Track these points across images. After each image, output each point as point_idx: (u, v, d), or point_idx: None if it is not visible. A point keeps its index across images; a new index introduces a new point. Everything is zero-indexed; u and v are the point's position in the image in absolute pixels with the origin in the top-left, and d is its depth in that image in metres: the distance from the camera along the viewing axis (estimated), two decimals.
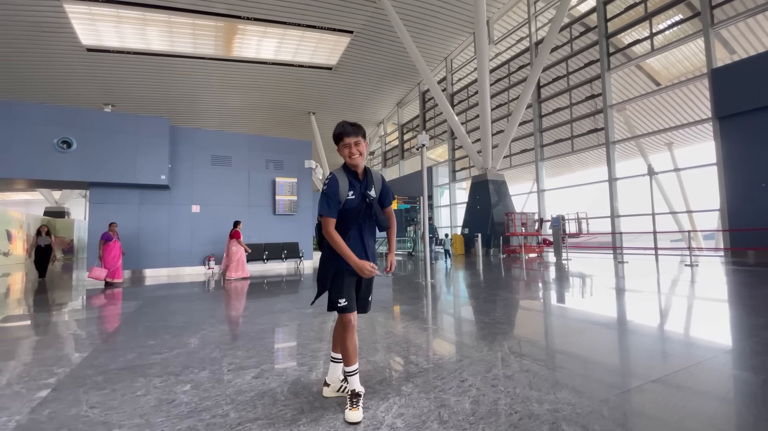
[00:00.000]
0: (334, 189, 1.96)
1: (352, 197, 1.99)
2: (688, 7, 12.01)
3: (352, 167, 2.02)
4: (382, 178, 2.18)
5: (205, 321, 4.19)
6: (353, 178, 2.03)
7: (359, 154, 2.00)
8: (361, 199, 2.01)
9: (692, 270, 7.75)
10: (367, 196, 2.01)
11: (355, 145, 1.98)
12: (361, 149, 2.00)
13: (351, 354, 2.01)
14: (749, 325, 3.43)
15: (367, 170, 2.08)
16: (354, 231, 2.03)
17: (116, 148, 9.42)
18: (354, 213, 2.00)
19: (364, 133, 2.04)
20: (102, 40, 16.76)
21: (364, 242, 2.06)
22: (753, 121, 9.62)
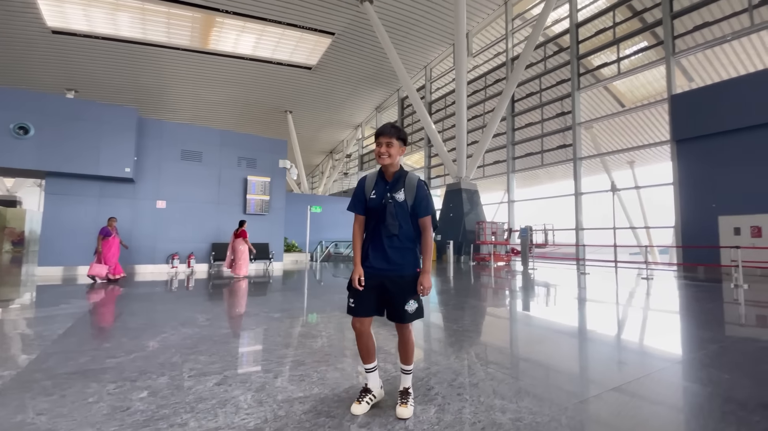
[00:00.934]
0: (359, 186, 2.09)
1: (373, 196, 2.02)
2: (652, 35, 12.80)
3: (381, 166, 2.05)
4: (420, 185, 2.05)
5: (165, 323, 4.01)
6: (381, 178, 2.06)
7: (388, 155, 1.98)
8: (380, 200, 2.00)
9: (648, 283, 8.19)
10: (386, 198, 1.99)
11: (386, 146, 1.98)
12: (391, 151, 1.99)
13: (361, 355, 2.07)
14: (698, 338, 3.65)
15: (401, 174, 2.05)
16: (375, 231, 2.02)
17: (78, 136, 8.92)
18: (374, 212, 2.01)
19: (401, 137, 2.02)
20: (69, 22, 15.89)
21: (383, 244, 1.99)
22: (707, 146, 10.34)
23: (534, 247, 13.26)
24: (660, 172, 23.00)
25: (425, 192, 2.04)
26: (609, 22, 13.78)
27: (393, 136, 1.99)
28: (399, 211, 1.98)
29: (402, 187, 2.01)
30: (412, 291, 1.99)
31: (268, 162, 12.03)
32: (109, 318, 4.38)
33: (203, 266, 10.62)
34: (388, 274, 1.98)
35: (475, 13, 17.45)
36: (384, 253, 1.99)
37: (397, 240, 1.99)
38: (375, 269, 1.99)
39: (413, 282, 1.99)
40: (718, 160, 10.09)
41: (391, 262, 1.98)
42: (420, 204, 2.01)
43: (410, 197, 2.01)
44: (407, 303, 1.98)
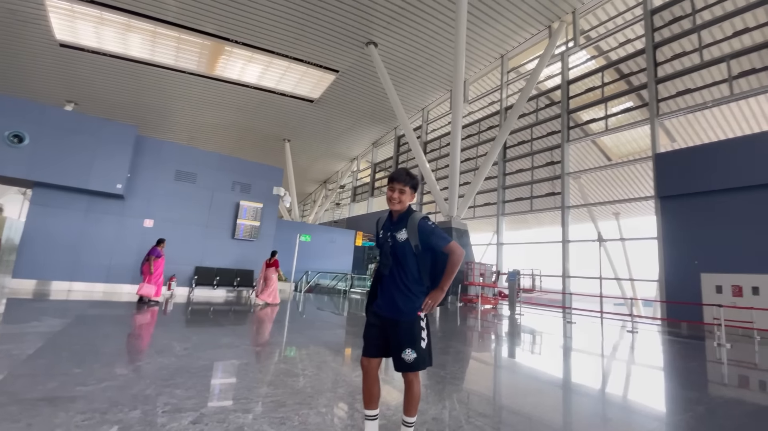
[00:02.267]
0: (376, 225, 2.20)
1: (381, 236, 2.10)
2: (638, 97, 13.60)
3: (390, 210, 2.11)
4: (422, 222, 1.97)
5: (141, 350, 3.84)
6: (388, 219, 2.11)
7: (398, 201, 2.02)
8: (384, 240, 2.05)
9: (633, 336, 8.19)
10: (386, 236, 2.03)
11: (399, 192, 2.02)
12: (403, 197, 2.01)
13: (364, 398, 2.01)
14: (684, 398, 3.62)
15: (405, 214, 2.03)
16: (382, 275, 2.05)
17: (73, 149, 8.88)
18: (382, 252, 2.06)
19: (414, 186, 2.05)
20: (78, 37, 16.24)
21: (383, 284, 2.02)
22: (689, 204, 10.73)
23: (521, 292, 13.25)
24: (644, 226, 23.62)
25: (429, 226, 1.96)
26: (598, 82, 14.64)
27: (407, 184, 2.02)
28: (399, 251, 1.96)
29: (404, 227, 1.99)
30: (408, 341, 1.91)
31: (263, 188, 12.05)
32: (81, 340, 4.17)
33: (184, 290, 10.31)
34: (385, 317, 1.97)
35: (473, 63, 18.41)
36: (383, 295, 2.01)
37: (393, 281, 1.97)
38: (379, 309, 2.01)
39: (409, 330, 1.92)
40: (700, 218, 10.45)
41: (388, 305, 1.97)
42: (430, 239, 1.94)
43: (413, 236, 1.95)
44: (404, 352, 1.90)
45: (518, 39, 16.84)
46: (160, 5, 14.39)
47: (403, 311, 1.94)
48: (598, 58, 15.70)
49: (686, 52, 11.98)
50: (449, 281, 1.96)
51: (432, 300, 1.94)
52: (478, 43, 16.90)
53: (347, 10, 14.60)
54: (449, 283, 1.96)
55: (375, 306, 2.04)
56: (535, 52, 17.32)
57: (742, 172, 9.68)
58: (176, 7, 14.48)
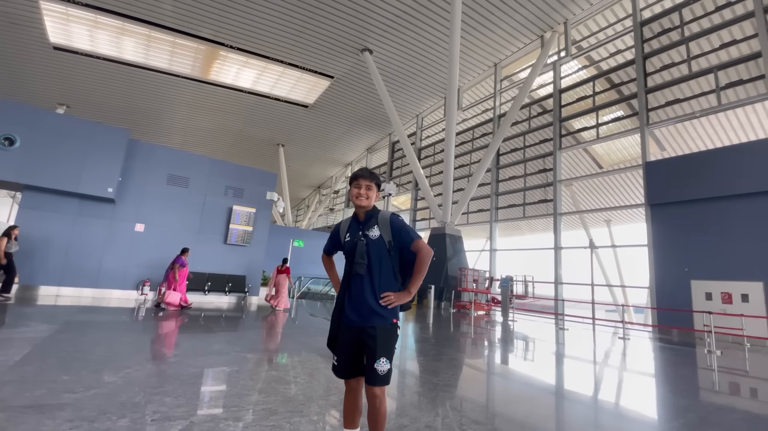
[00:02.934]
0: (335, 230, 2.10)
1: (348, 238, 1.95)
2: (628, 106, 13.83)
3: (356, 208, 1.99)
4: (393, 217, 1.94)
5: (130, 357, 3.77)
6: (355, 220, 2.01)
7: (365, 197, 1.92)
8: (353, 240, 1.92)
9: (625, 343, 8.25)
10: (357, 236, 1.89)
11: (366, 188, 1.93)
12: (370, 194, 1.94)
13: (344, 415, 1.91)
14: (676, 405, 3.65)
15: (373, 212, 1.96)
16: (349, 276, 1.92)
17: (64, 152, 8.79)
18: (349, 256, 1.92)
19: (378, 183, 1.99)
20: (72, 40, 16.15)
21: (356, 288, 1.86)
22: (679, 212, 10.89)
23: (514, 298, 13.29)
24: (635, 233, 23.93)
25: (400, 221, 1.93)
26: (589, 91, 14.88)
27: (372, 180, 1.96)
28: (373, 249, 1.86)
29: (375, 224, 1.92)
30: (385, 349, 1.77)
31: (256, 193, 12.00)
32: (69, 347, 4.09)
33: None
34: (361, 325, 1.81)
35: (467, 71, 18.61)
36: (356, 301, 1.84)
37: (368, 284, 1.84)
38: (349, 320, 1.84)
39: (387, 337, 1.80)
40: (690, 226, 10.61)
41: (362, 311, 1.82)
42: (400, 233, 1.90)
43: (386, 232, 1.90)
44: (378, 361, 1.74)
45: (511, 48, 17.08)
46: (155, 9, 14.38)
47: (381, 315, 1.82)
48: (589, 67, 15.97)
49: (675, 63, 12.24)
50: (418, 282, 1.88)
51: (396, 299, 1.83)
52: (472, 51, 17.10)
53: (343, 17, 14.71)
54: (418, 285, 1.89)
55: (346, 316, 1.85)
56: (528, 61, 17.57)
57: (731, 181, 9.86)
58: (172, 12, 14.48)
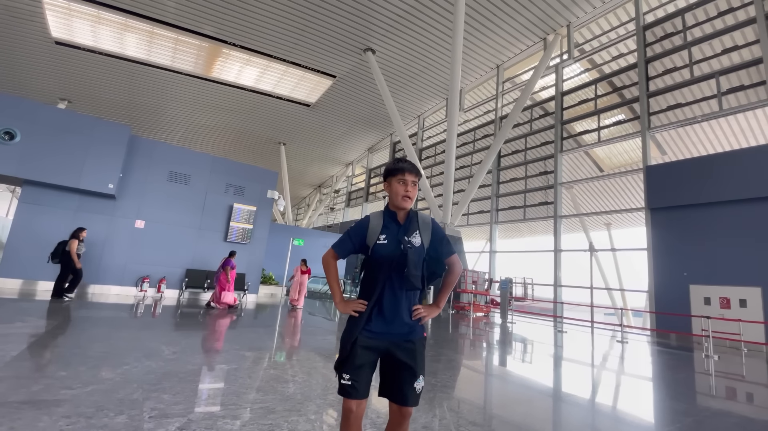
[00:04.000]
0: (360, 229, 1.70)
1: (383, 242, 1.64)
2: (630, 110, 13.83)
3: (398, 208, 1.70)
4: (435, 223, 1.75)
5: (128, 353, 3.78)
6: (392, 220, 1.70)
7: (412, 197, 1.69)
8: (395, 246, 1.63)
9: (623, 346, 8.25)
10: (404, 242, 1.62)
11: (412, 185, 1.68)
12: (415, 192, 1.69)
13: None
14: (673, 409, 3.65)
15: (411, 213, 1.73)
16: (386, 287, 1.62)
17: (64, 148, 8.79)
18: (385, 263, 1.62)
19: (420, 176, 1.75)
20: (74, 35, 16.13)
21: (399, 301, 1.62)
22: (679, 216, 10.89)
23: (513, 300, 13.30)
24: (635, 237, 23.98)
25: (442, 230, 1.75)
26: (591, 94, 14.87)
27: (419, 176, 1.71)
28: (417, 258, 1.64)
29: (417, 229, 1.69)
30: (423, 364, 1.61)
31: (257, 191, 12.00)
32: (67, 342, 4.09)
33: (174, 292, 10.18)
34: (396, 340, 1.60)
35: (469, 72, 18.60)
36: (396, 313, 1.60)
37: (406, 295, 1.64)
38: (379, 334, 1.59)
39: (424, 351, 1.65)
40: (689, 230, 10.60)
41: (403, 324, 1.61)
42: (441, 243, 1.71)
43: (426, 239, 1.69)
44: (417, 380, 1.58)
45: (514, 50, 17.07)
46: (158, 6, 14.37)
47: (417, 327, 1.65)
48: (591, 70, 15.96)
49: (677, 67, 12.23)
50: (446, 297, 1.75)
51: (426, 312, 1.65)
52: (475, 53, 17.09)
53: (346, 17, 14.71)
54: (445, 300, 1.75)
55: (375, 330, 1.60)
56: (530, 64, 17.56)
57: (731, 186, 9.85)
58: (175, 8, 14.47)
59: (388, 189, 1.71)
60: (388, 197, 1.73)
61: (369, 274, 1.68)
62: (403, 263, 1.59)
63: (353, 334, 1.59)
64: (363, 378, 1.56)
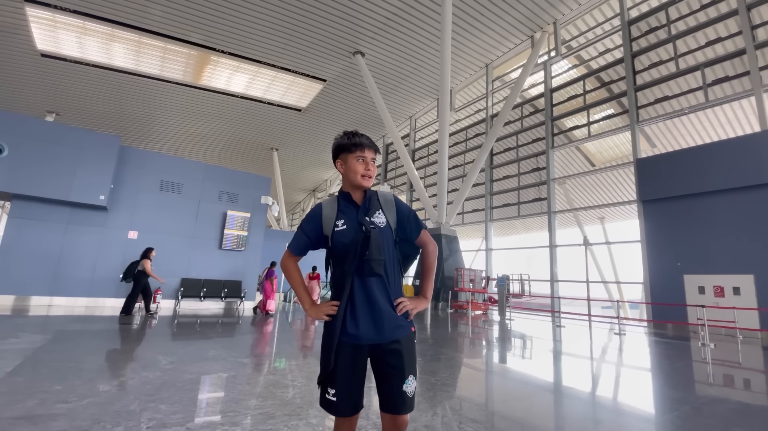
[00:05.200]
0: (312, 219, 1.49)
1: (342, 227, 1.44)
2: (618, 104, 13.98)
3: (356, 188, 1.50)
4: (396, 198, 1.56)
5: (125, 365, 3.74)
6: (348, 203, 1.49)
7: (371, 176, 1.50)
8: (357, 229, 1.42)
9: (620, 338, 8.31)
10: (365, 223, 1.42)
11: (372, 162, 1.50)
12: (375, 171, 1.52)
13: None
14: (670, 398, 3.68)
15: (369, 192, 1.53)
16: (356, 281, 1.41)
17: (54, 160, 8.70)
18: (350, 251, 1.39)
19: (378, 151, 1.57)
20: (60, 47, 16.00)
21: (371, 295, 1.40)
22: (670, 207, 11.01)
23: (511, 297, 13.35)
24: (629, 229, 24.20)
25: (407, 206, 1.56)
26: (580, 90, 15.01)
27: (378, 153, 1.55)
28: (383, 240, 1.43)
29: (379, 207, 1.49)
30: (411, 363, 1.41)
31: (250, 198, 11.95)
32: (62, 356, 4.04)
33: (170, 302, 10.09)
34: (380, 342, 1.39)
35: (459, 72, 18.71)
36: (374, 309, 1.39)
37: (385, 285, 1.42)
38: (358, 337, 1.38)
39: (412, 348, 1.45)
40: (681, 221, 10.72)
41: (385, 323, 1.39)
42: (407, 220, 1.52)
43: (392, 218, 1.49)
44: (406, 382, 1.38)
45: (502, 49, 17.20)
46: (144, 15, 14.31)
47: (401, 325, 1.43)
48: (579, 66, 16.13)
49: (663, 60, 12.39)
50: (431, 285, 1.54)
51: (412, 305, 1.46)
52: (463, 52, 17.20)
53: (334, 21, 14.73)
54: (431, 288, 1.55)
55: (355, 334, 1.37)
56: (519, 62, 17.70)
57: (720, 176, 9.98)
58: (161, 17, 14.41)
59: (343, 167, 1.51)
60: (343, 178, 1.54)
61: (336, 269, 1.47)
62: (368, 247, 1.38)
63: (332, 342, 1.36)
64: (350, 391, 1.37)
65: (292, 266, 1.57)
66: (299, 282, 1.55)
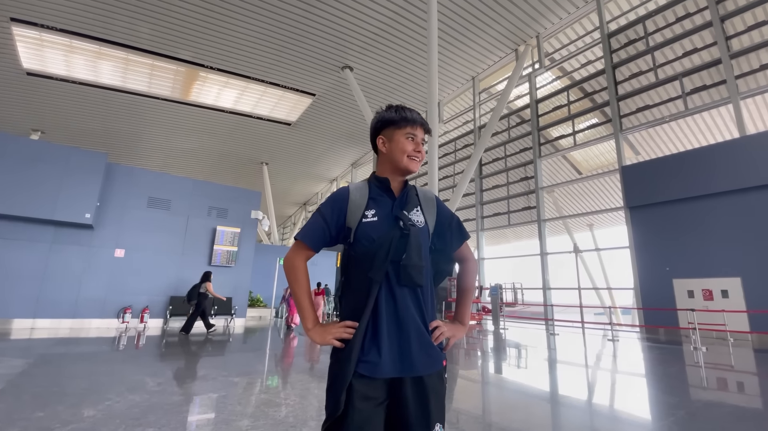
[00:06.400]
0: (337, 202, 1.19)
1: (372, 219, 1.15)
2: (602, 113, 14.32)
3: (401, 172, 1.24)
4: (438, 199, 1.31)
5: (110, 388, 3.61)
6: (382, 190, 1.22)
7: (421, 159, 1.23)
8: (391, 224, 1.15)
9: (614, 345, 8.33)
10: (403, 219, 1.14)
11: (422, 143, 1.25)
12: (424, 155, 1.24)
13: None
14: (666, 403, 3.68)
15: (408, 185, 1.29)
16: (384, 293, 1.10)
17: (38, 179, 8.53)
18: (380, 254, 1.09)
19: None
20: (46, 65, 15.88)
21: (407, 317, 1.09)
22: (657, 213, 11.21)
23: (504, 306, 13.34)
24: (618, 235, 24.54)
25: (449, 210, 1.31)
26: (564, 100, 15.36)
27: (429, 134, 1.28)
28: (424, 245, 1.17)
29: (417, 204, 1.23)
30: (440, 409, 1.10)
31: (240, 212, 11.85)
32: (45, 381, 3.89)
33: (158, 321, 9.86)
34: (411, 375, 1.07)
35: (446, 85, 19.02)
36: (404, 334, 1.08)
37: (420, 302, 1.13)
38: (383, 370, 1.05)
39: (442, 388, 1.12)
40: (668, 226, 10.91)
41: (416, 351, 1.08)
42: (449, 226, 1.26)
43: (431, 220, 1.23)
44: (433, 430, 1.07)
45: (488, 62, 17.57)
46: (132, 33, 14.32)
47: (433, 356, 1.11)
48: (563, 78, 16.53)
49: (643, 71, 12.77)
50: (469, 309, 1.26)
51: (450, 332, 1.17)
52: (450, 66, 17.52)
53: (323, 36, 14.92)
54: (469, 313, 1.27)
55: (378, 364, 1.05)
56: (504, 74, 18.09)
57: (703, 181, 10.22)
58: (150, 35, 14.44)
59: (386, 146, 1.23)
60: (380, 159, 1.26)
61: (356, 276, 1.14)
62: (407, 250, 1.10)
63: (343, 377, 1.04)
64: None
65: (301, 265, 1.18)
66: (305, 290, 1.17)
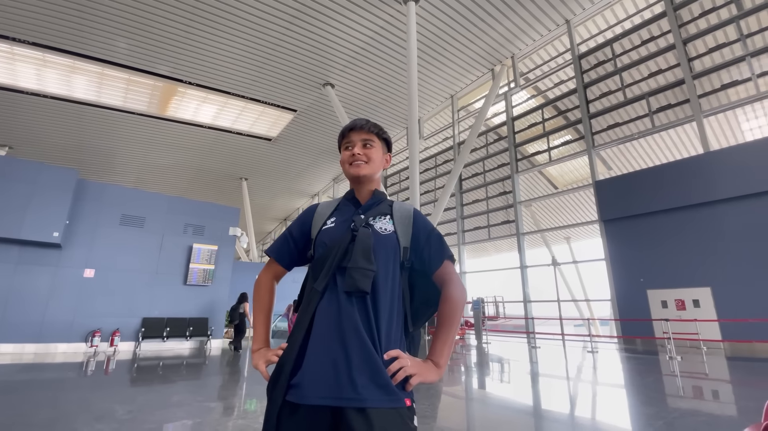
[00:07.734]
0: (301, 217, 1.18)
1: (330, 225, 1.10)
2: (575, 131, 14.89)
3: (352, 181, 1.18)
4: (416, 212, 1.17)
5: (77, 417, 3.40)
6: (349, 201, 1.18)
7: (366, 161, 1.14)
8: (345, 227, 1.07)
9: (593, 356, 8.45)
10: (356, 221, 1.07)
11: (362, 146, 1.15)
12: (371, 154, 1.14)
13: None
14: (644, 415, 3.73)
15: (379, 194, 1.20)
16: (324, 304, 0.97)
17: (3, 197, 8.16)
18: (329, 260, 1.00)
19: (384, 137, 1.21)
20: (17, 80, 15.37)
21: (343, 330, 0.92)
22: (629, 226, 11.61)
23: (486, 320, 13.40)
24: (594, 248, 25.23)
25: (430, 223, 1.15)
26: (539, 118, 15.91)
27: (372, 132, 1.17)
28: (380, 250, 1.02)
29: (388, 213, 1.12)
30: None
31: (218, 229, 11.58)
32: (8, 411, 3.63)
33: (129, 344, 9.41)
34: (352, 404, 0.87)
35: (426, 103, 19.44)
36: (341, 347, 0.91)
37: (369, 313, 0.95)
38: (305, 394, 0.89)
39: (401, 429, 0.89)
40: (640, 238, 11.30)
41: (357, 372, 0.89)
42: (427, 240, 1.10)
43: (404, 231, 1.09)
44: None
45: (465, 81, 18.09)
46: (109, 47, 14.08)
47: (384, 386, 0.90)
48: (537, 96, 17.18)
49: (612, 90, 13.42)
50: (449, 347, 1.02)
51: (414, 369, 0.95)
52: (429, 84, 17.94)
53: (304, 54, 15.06)
54: (449, 352, 1.03)
55: (309, 386, 0.90)
56: (482, 92, 18.65)
57: (671, 195, 10.70)
58: (127, 49, 14.23)
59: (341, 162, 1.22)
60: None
61: (308, 289, 1.04)
62: (351, 250, 1.00)
63: (270, 408, 0.91)
64: None
65: (264, 282, 1.15)
66: (263, 307, 1.14)
